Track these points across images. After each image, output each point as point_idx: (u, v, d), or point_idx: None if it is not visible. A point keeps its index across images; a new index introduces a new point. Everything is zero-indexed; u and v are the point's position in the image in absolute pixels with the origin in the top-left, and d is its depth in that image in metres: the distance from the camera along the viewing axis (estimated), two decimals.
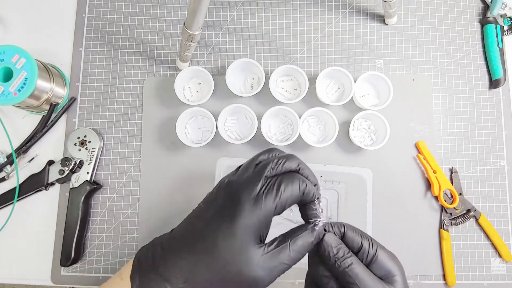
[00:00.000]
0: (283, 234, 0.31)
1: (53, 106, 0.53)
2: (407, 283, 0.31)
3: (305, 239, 0.30)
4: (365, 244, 0.30)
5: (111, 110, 0.55)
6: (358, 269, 0.29)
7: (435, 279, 0.53)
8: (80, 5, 0.57)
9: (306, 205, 0.32)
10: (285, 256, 0.29)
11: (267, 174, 0.31)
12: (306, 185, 0.32)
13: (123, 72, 0.56)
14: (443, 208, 0.54)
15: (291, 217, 0.47)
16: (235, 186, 0.31)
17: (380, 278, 0.30)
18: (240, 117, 0.55)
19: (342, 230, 0.31)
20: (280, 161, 0.32)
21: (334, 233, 0.31)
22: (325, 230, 0.31)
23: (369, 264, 0.30)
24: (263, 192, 0.30)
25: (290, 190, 0.31)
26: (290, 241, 0.30)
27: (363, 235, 0.31)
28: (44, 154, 0.54)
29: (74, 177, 0.52)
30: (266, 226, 0.30)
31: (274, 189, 0.30)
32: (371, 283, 0.29)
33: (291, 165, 0.32)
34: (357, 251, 0.31)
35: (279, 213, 0.31)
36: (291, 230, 0.32)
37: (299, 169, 0.33)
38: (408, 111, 0.56)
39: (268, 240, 0.31)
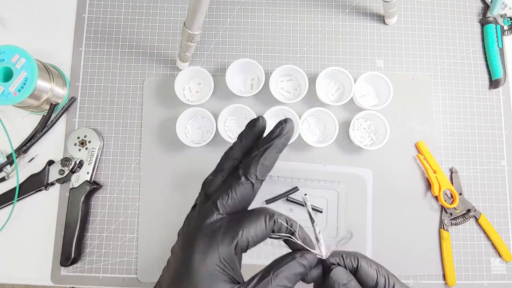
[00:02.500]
0: (268, 266, 0.27)
1: (53, 106, 0.53)
2: None
3: (291, 271, 0.26)
4: (381, 281, 0.27)
5: (111, 110, 0.55)
6: None
7: (435, 279, 0.53)
8: (80, 5, 0.57)
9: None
10: None
11: (214, 219, 0.28)
12: (275, 221, 0.28)
13: (123, 72, 0.56)
14: (443, 208, 0.54)
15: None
16: (186, 236, 0.29)
17: None
18: (240, 117, 0.55)
19: (356, 263, 0.27)
20: (233, 193, 0.28)
21: (346, 266, 0.27)
22: (337, 263, 0.27)
23: None
24: (221, 235, 0.27)
25: (254, 229, 0.27)
26: (273, 274, 0.26)
27: (378, 269, 0.28)
28: (44, 154, 0.54)
29: (74, 177, 0.52)
30: (231, 268, 0.27)
31: (230, 232, 0.27)
32: None
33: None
34: None
35: (244, 252, 0.28)
36: (276, 260, 0.28)
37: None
38: (408, 111, 0.56)
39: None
